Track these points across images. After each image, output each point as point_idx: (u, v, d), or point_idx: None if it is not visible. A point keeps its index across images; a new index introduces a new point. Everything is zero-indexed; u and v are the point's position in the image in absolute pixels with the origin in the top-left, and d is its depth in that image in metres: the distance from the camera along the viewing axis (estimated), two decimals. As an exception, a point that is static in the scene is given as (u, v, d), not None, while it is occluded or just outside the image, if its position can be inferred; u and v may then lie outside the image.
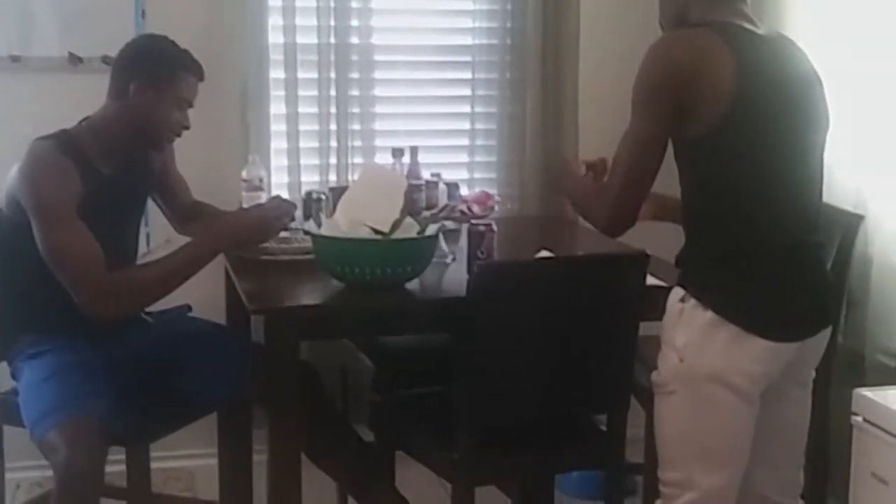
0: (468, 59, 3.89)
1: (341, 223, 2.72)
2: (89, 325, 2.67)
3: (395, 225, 2.72)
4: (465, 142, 3.92)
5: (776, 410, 2.37)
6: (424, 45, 3.90)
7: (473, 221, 2.77)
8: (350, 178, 3.79)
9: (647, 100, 2.29)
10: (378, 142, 3.83)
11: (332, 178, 3.78)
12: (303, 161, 3.74)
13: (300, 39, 3.70)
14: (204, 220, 3.10)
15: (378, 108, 3.83)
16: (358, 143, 3.81)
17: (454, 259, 2.92)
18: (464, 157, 3.91)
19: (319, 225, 2.78)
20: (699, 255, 2.34)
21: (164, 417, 2.91)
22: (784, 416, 2.41)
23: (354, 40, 3.76)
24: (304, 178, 3.74)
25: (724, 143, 2.24)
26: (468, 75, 3.89)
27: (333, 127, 3.76)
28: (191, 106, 2.89)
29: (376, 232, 2.70)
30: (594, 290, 2.57)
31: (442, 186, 3.20)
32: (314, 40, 3.72)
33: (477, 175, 3.90)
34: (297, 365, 2.61)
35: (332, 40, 3.73)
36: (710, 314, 2.26)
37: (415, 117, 3.90)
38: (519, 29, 3.84)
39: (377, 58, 3.81)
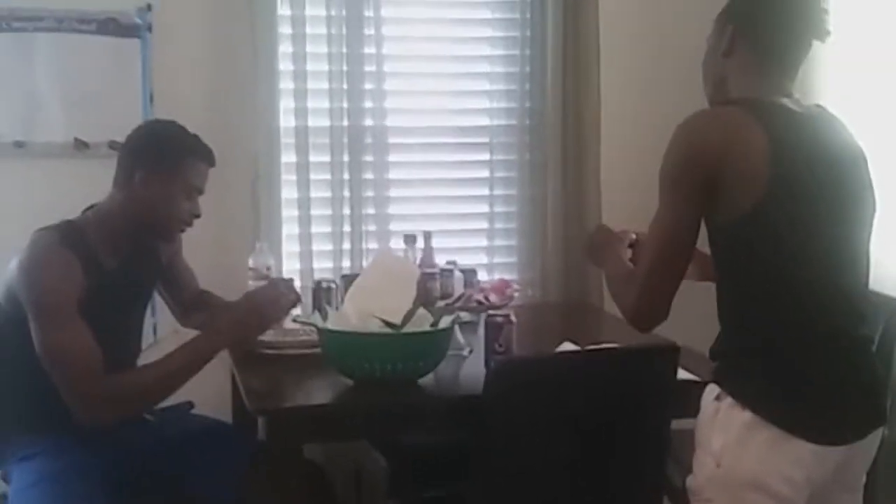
0: (486, 140, 3.74)
1: (350, 315, 2.53)
2: (75, 428, 2.48)
3: (408, 317, 2.53)
4: (484, 225, 3.75)
5: None
6: (441, 126, 3.75)
7: (491, 312, 2.57)
8: (364, 264, 3.63)
9: (673, 182, 2.11)
10: (393, 226, 3.68)
11: (346, 263, 3.62)
12: (315, 247, 3.58)
13: (312, 122, 3.56)
14: (210, 311, 2.91)
15: (393, 192, 3.67)
16: (372, 228, 3.66)
17: (471, 352, 2.72)
18: (482, 242, 3.74)
19: (326, 316, 2.60)
20: (735, 349, 2.13)
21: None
22: None
23: (368, 122, 3.62)
24: (316, 265, 3.57)
25: (761, 228, 2.05)
26: (486, 157, 3.73)
27: (347, 211, 3.60)
28: (201, 193, 2.72)
29: (387, 324, 2.51)
30: (620, 385, 2.36)
31: (458, 274, 3.01)
32: (327, 123, 3.58)
33: (496, 260, 3.72)
34: (299, 466, 2.39)
35: (345, 123, 3.59)
36: (748, 414, 2.04)
37: (431, 200, 3.75)
38: (538, 109, 3.70)
39: (392, 140, 3.66)
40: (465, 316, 2.52)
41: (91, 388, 2.43)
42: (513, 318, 2.54)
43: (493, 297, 2.86)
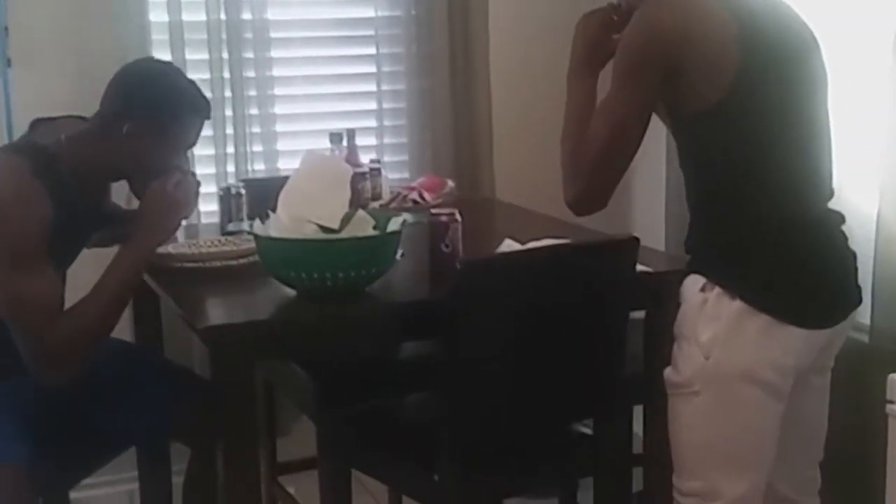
0: (371, 32, 3.47)
1: (285, 221, 2.27)
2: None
3: (346, 220, 2.29)
4: (373, 123, 3.49)
5: (795, 403, 2.06)
6: (324, 18, 3.45)
7: (434, 211, 2.36)
8: (249, 167, 3.34)
9: (629, 67, 1.96)
10: (279, 127, 3.38)
11: (231, 168, 3.31)
12: (197, 151, 3.25)
13: (186, 16, 3.21)
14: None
15: (277, 90, 3.37)
16: (256, 130, 3.35)
17: (402, 255, 2.50)
18: (371, 140, 3.48)
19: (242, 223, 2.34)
20: (717, 240, 2.01)
21: (84, 459, 2.42)
22: (803, 408, 2.10)
23: (247, 16, 3.29)
24: (198, 170, 3.24)
25: (733, 115, 1.93)
26: (372, 51, 3.47)
27: (229, 112, 3.29)
28: (192, 147, 2.42)
29: (324, 229, 2.27)
30: (584, 281, 2.21)
31: (384, 173, 2.76)
32: (203, 17, 3.24)
33: (387, 158, 3.47)
34: (250, 393, 2.15)
35: (223, 16, 3.26)
36: (738, 304, 1.94)
37: (316, 98, 3.46)
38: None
39: (273, 35, 3.34)
40: (410, 217, 2.30)
41: (51, 337, 2.13)
42: (458, 216, 2.34)
43: (427, 196, 2.64)
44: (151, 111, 2.29)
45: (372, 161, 2.91)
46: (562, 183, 2.07)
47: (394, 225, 2.26)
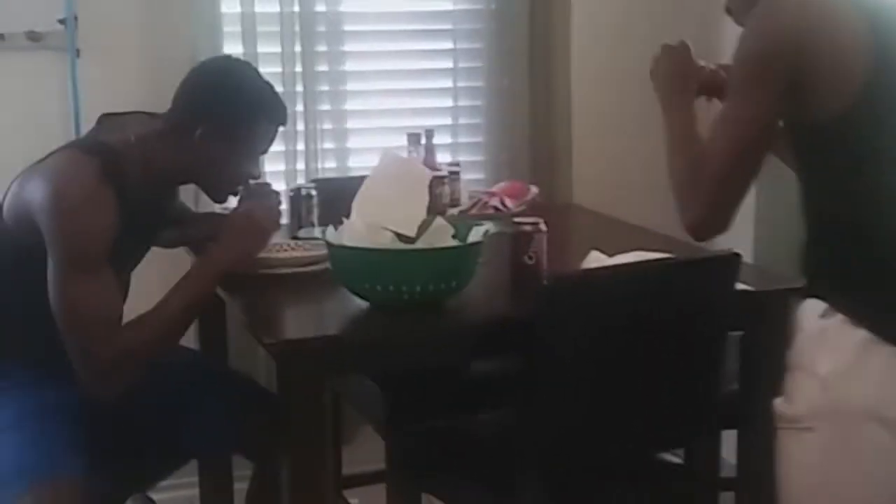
0: (449, 26, 3.29)
1: (358, 227, 2.11)
2: (57, 356, 2.04)
3: (423, 227, 2.13)
4: (448, 121, 3.31)
5: None
6: (399, 11, 3.28)
7: (517, 220, 2.18)
8: (320, 165, 3.19)
9: (751, 76, 1.75)
10: (350, 124, 3.23)
11: (300, 166, 3.17)
12: (267, 148, 3.11)
13: (259, 8, 3.06)
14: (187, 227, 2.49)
15: (350, 86, 3.21)
16: (328, 126, 3.20)
17: (481, 264, 2.32)
18: (446, 139, 3.30)
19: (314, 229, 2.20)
20: (840, 262, 1.79)
21: (142, 471, 2.29)
22: None
23: (321, 7, 3.14)
24: (267, 168, 3.10)
25: (861, 127, 1.71)
26: (449, 45, 3.30)
27: (300, 108, 3.13)
28: (265, 153, 2.30)
29: (401, 238, 2.11)
30: (679, 298, 2.02)
31: (464, 178, 2.58)
32: (276, 8, 3.08)
33: (460, 158, 3.29)
34: (320, 408, 1.99)
35: (296, 8, 3.10)
36: (862, 333, 1.72)
37: (390, 94, 3.29)
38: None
39: (347, 27, 3.19)
40: (490, 226, 2.13)
41: (108, 349, 2.01)
42: (542, 225, 2.16)
43: (509, 202, 2.46)
44: (226, 117, 2.16)
45: (451, 164, 2.74)
46: (678, 209, 1.86)
47: (476, 235, 2.09)
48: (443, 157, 3.10)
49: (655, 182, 2.16)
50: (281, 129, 2.76)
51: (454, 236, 2.13)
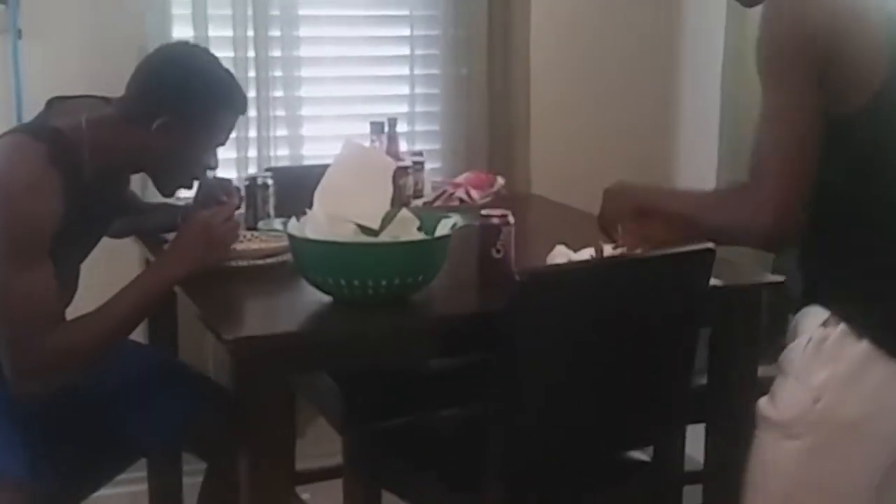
0: (406, 12, 3.20)
1: (321, 219, 2.02)
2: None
3: (387, 220, 2.04)
4: (404, 108, 3.22)
5: None
6: (355, -2, 3.19)
7: (484, 212, 2.10)
8: (273, 153, 3.08)
9: (783, 70, 1.64)
10: (305, 111, 3.12)
11: (252, 153, 3.05)
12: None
13: (209, -10, 2.95)
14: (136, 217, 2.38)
15: (304, 72, 3.11)
16: (281, 113, 3.09)
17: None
18: (403, 127, 3.20)
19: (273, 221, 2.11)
20: (848, 268, 1.71)
21: (90, 471, 2.17)
22: None
23: (274, -8, 3.03)
24: (218, 154, 2.97)
25: (880, 123, 1.64)
26: (406, 32, 3.20)
27: (252, 94, 3.01)
28: (223, 144, 2.19)
29: (363, 230, 2.01)
30: (653, 293, 1.95)
31: (427, 168, 2.48)
32: (227, -9, 2.97)
33: (418, 146, 3.20)
34: (280, 406, 1.90)
35: (249, -8, 2.99)
36: (864, 345, 1.65)
37: (345, 81, 3.19)
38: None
39: (301, 12, 3.07)
40: (457, 219, 2.04)
41: (43, 345, 1.89)
42: (510, 218, 2.08)
43: (475, 194, 2.37)
44: (186, 108, 2.06)
45: (414, 153, 2.65)
46: (738, 235, 1.73)
47: (444, 228, 2.00)
48: (401, 146, 3.02)
49: (614, 171, 2.11)
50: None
51: (420, 229, 2.04)
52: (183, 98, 2.06)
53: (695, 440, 2.32)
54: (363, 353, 1.93)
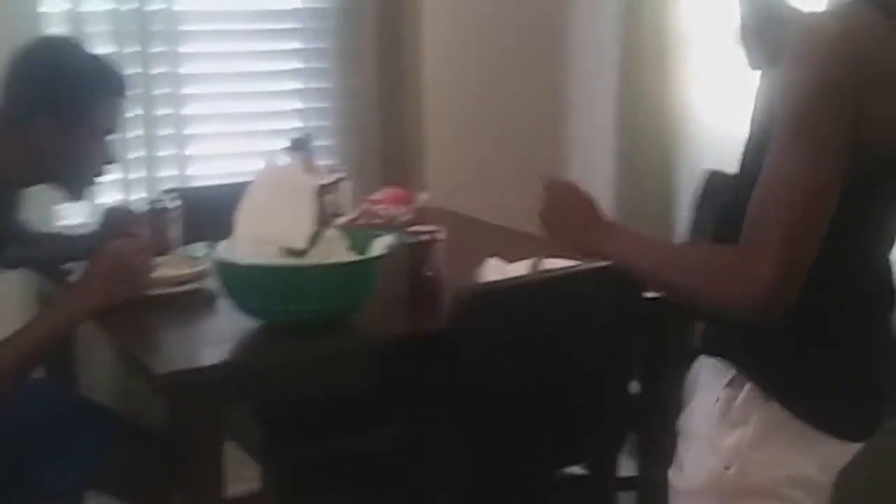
0: (298, 25, 3.10)
1: (246, 242, 1.91)
2: None
3: (313, 240, 1.94)
4: (297, 123, 3.11)
5: None
6: (243, 10, 3.04)
7: (413, 229, 2.03)
8: (161, 174, 2.93)
9: (815, 119, 1.42)
10: (192, 129, 2.98)
11: (140, 174, 2.90)
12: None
13: (87, 6, 2.78)
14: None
15: (189, 89, 2.97)
16: (168, 132, 2.95)
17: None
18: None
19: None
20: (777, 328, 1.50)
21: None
22: None
23: (156, 6, 2.88)
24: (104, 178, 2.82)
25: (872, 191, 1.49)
26: (297, 45, 3.10)
27: (140, 112, 2.86)
28: (113, 132, 2.05)
29: (289, 252, 1.91)
30: (590, 307, 1.92)
31: (347, 184, 2.37)
32: (107, 6, 2.81)
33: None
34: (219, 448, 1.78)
35: (131, 6, 2.84)
36: (773, 407, 1.53)
37: (233, 97, 3.06)
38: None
39: (185, 27, 2.94)
40: (392, 237, 1.95)
41: None
42: (441, 234, 2.02)
43: (394, 210, 2.30)
44: (61, 101, 1.94)
45: (333, 169, 2.53)
46: (721, 300, 1.47)
47: (378, 247, 1.92)
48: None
49: (512, 181, 2.06)
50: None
51: (351, 248, 1.95)
52: (56, 91, 1.95)
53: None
54: (299, 380, 1.84)
